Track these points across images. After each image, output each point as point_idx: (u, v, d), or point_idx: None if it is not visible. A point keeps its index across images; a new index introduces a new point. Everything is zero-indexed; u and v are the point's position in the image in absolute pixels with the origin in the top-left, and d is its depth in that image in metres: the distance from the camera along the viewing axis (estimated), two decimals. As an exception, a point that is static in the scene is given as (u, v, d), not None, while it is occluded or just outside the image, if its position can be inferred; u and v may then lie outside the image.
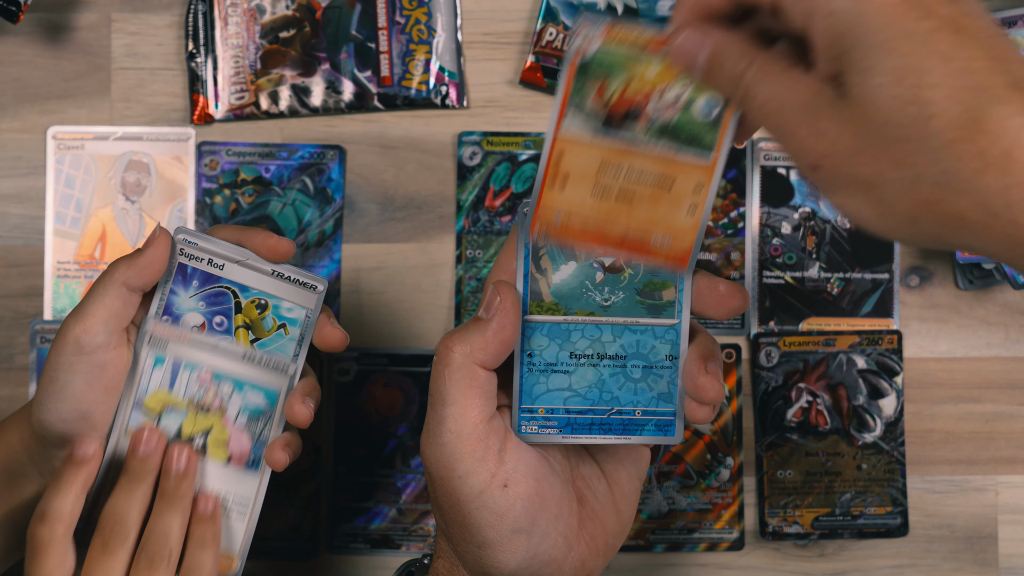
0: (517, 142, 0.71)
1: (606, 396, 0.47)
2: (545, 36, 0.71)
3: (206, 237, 0.53)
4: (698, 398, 0.47)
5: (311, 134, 0.71)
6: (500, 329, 0.45)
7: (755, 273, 0.71)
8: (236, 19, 0.71)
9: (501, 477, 0.45)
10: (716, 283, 0.47)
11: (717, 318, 0.47)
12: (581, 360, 0.47)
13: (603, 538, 0.50)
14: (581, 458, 0.50)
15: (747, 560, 0.70)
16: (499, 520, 0.45)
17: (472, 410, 0.45)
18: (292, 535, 0.70)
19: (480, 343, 0.45)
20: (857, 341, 0.70)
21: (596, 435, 0.48)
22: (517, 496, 0.46)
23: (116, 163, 0.71)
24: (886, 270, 0.71)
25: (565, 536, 0.47)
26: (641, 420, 0.48)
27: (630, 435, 0.48)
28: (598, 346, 0.47)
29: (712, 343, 0.48)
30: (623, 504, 0.50)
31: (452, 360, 0.45)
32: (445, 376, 0.45)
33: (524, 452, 0.47)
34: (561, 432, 0.47)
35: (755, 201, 0.71)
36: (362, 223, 0.71)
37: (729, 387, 0.70)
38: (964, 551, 0.70)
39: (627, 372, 0.47)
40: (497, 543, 0.46)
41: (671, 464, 0.70)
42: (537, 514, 0.46)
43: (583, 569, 0.49)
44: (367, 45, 0.71)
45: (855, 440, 0.70)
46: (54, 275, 0.71)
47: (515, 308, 0.46)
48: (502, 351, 0.46)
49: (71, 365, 0.51)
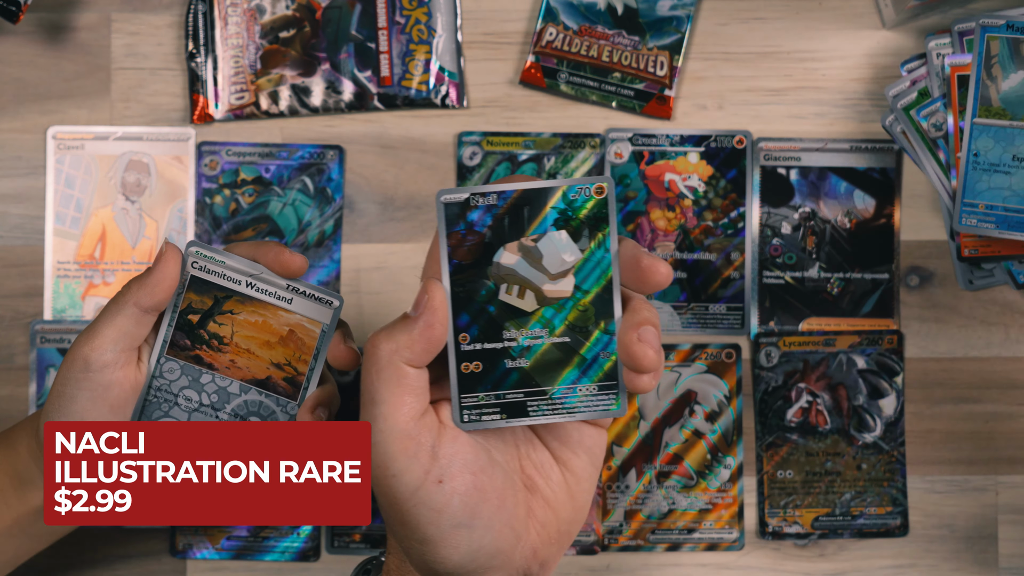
0: (517, 142, 0.71)
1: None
2: (545, 36, 0.71)
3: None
4: (634, 367, 0.46)
5: (311, 134, 0.71)
6: (427, 327, 0.45)
7: (755, 273, 0.71)
8: (236, 19, 0.71)
9: (435, 473, 0.45)
10: (639, 256, 0.46)
11: (640, 292, 0.47)
12: None
13: (555, 525, 0.49)
14: (532, 445, 0.50)
15: (747, 560, 0.70)
16: (437, 516, 0.45)
17: (401, 408, 0.45)
18: (293, 535, 0.70)
19: (406, 341, 0.45)
20: (857, 341, 0.70)
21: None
22: (454, 491, 0.45)
23: (116, 163, 0.71)
24: (886, 270, 0.71)
25: (511, 527, 0.47)
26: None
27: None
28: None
29: (647, 310, 0.46)
30: (577, 490, 0.50)
31: (379, 359, 0.45)
32: (373, 375, 0.45)
33: (460, 446, 0.46)
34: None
35: (755, 201, 0.71)
36: (362, 223, 0.71)
37: (729, 387, 0.70)
38: (964, 551, 0.70)
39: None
40: (438, 539, 0.46)
41: (671, 464, 0.70)
42: (477, 507, 0.46)
43: (535, 558, 0.48)
44: (367, 45, 0.71)
45: (855, 440, 0.70)
46: (54, 275, 0.71)
47: (443, 306, 0.45)
48: (430, 349, 0.45)
49: (78, 382, 0.52)
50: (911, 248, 0.71)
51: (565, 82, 0.71)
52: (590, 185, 0.46)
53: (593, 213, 0.46)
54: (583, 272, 0.46)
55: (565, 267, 0.46)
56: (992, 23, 0.64)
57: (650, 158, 0.71)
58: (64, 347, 0.70)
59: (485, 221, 0.46)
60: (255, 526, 0.69)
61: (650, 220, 0.71)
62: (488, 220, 0.46)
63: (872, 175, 0.71)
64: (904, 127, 0.68)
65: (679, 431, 0.70)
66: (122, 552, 0.70)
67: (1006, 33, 0.63)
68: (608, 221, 0.46)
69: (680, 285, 0.71)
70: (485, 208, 0.46)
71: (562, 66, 0.71)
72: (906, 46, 0.71)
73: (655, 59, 0.71)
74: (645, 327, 0.45)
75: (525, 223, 0.46)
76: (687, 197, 0.71)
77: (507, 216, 0.46)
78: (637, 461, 0.70)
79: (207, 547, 0.70)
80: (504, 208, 0.46)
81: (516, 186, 0.46)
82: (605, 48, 0.71)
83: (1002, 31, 0.62)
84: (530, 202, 0.46)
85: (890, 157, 0.71)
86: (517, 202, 0.46)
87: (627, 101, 0.71)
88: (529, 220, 0.46)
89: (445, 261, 0.46)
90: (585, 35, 0.71)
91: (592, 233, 0.46)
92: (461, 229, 0.46)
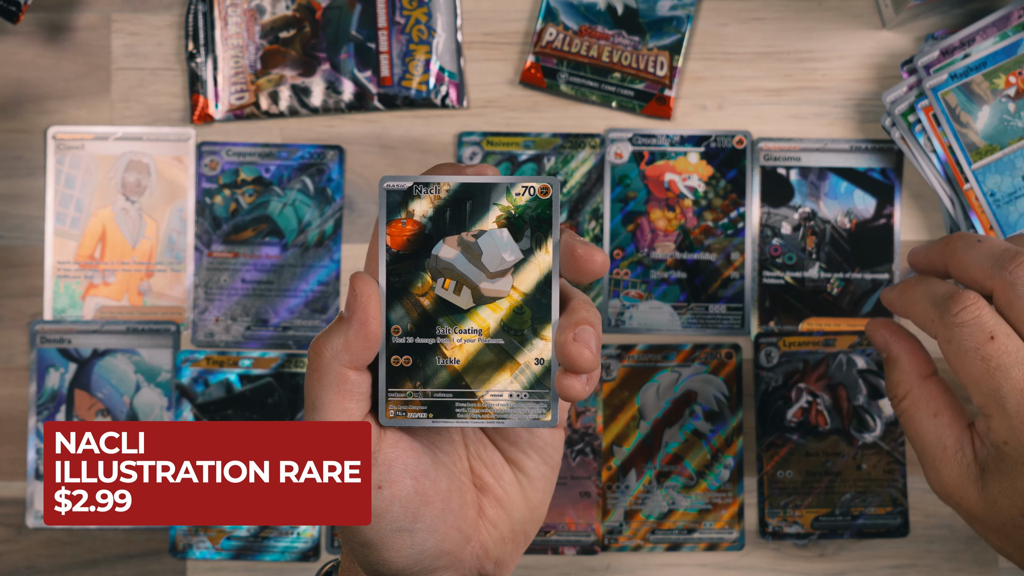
0: (517, 142, 0.71)
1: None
2: (545, 36, 0.71)
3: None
4: (569, 367, 0.44)
5: (311, 134, 0.71)
6: (361, 325, 0.44)
7: (755, 273, 0.71)
8: (236, 19, 0.71)
9: (374, 480, 0.45)
10: (574, 245, 0.45)
11: (579, 282, 0.46)
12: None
13: (508, 524, 0.48)
14: (483, 444, 0.49)
15: (747, 560, 0.70)
16: (376, 521, 0.45)
17: (342, 415, 0.44)
18: (293, 535, 0.70)
19: (343, 344, 0.44)
20: (857, 341, 0.70)
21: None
22: (393, 497, 0.45)
23: (116, 163, 0.71)
24: (886, 270, 0.71)
25: (458, 528, 0.46)
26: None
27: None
28: None
29: (586, 310, 0.45)
30: (531, 491, 0.49)
31: (320, 364, 0.44)
32: (315, 380, 0.44)
33: (400, 451, 0.45)
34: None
35: (755, 201, 0.71)
36: (362, 223, 0.71)
37: (729, 387, 0.70)
38: (964, 551, 0.70)
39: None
40: (378, 543, 0.45)
41: (671, 464, 0.70)
42: (418, 511, 0.45)
43: (487, 557, 0.48)
44: (367, 45, 0.71)
45: (855, 440, 0.70)
46: (54, 275, 0.71)
47: (374, 299, 0.44)
48: (368, 346, 0.44)
49: None
50: (911, 248, 0.71)
51: (565, 82, 0.71)
52: (535, 185, 0.45)
53: (537, 213, 0.45)
54: (521, 273, 0.45)
55: (504, 266, 0.45)
56: (936, 82, 0.66)
57: (650, 158, 0.71)
58: (64, 347, 0.70)
59: (426, 212, 0.45)
60: (255, 526, 0.69)
61: (650, 220, 0.71)
62: (430, 211, 0.45)
63: (872, 175, 0.71)
64: (903, 132, 0.68)
65: (679, 431, 0.70)
66: (122, 552, 0.70)
67: (953, 84, 0.66)
68: (551, 223, 0.45)
69: (680, 285, 0.71)
70: (427, 199, 0.45)
71: (562, 66, 0.71)
72: (906, 46, 0.71)
73: (655, 59, 0.71)
74: (583, 327, 0.44)
75: (467, 218, 0.45)
76: (687, 197, 0.71)
77: (449, 209, 0.45)
78: (637, 461, 0.70)
79: (207, 547, 0.70)
80: (446, 200, 0.45)
81: (460, 179, 0.45)
82: (605, 48, 0.71)
83: (949, 83, 0.65)
84: (473, 196, 0.45)
85: (890, 157, 0.71)
86: (460, 195, 0.45)
87: (627, 101, 0.71)
88: (471, 215, 0.45)
89: (383, 249, 0.45)
90: (585, 35, 0.71)
91: (534, 234, 0.45)
92: (401, 218, 0.45)
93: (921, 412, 0.55)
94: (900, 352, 0.57)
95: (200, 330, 0.71)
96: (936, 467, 0.54)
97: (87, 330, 0.70)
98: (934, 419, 0.55)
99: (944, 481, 0.54)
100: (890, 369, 0.58)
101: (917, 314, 0.56)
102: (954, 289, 0.54)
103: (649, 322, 0.71)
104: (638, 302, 0.71)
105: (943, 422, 0.55)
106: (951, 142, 0.66)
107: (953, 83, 0.66)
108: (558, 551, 0.70)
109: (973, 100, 0.66)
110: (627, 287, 0.71)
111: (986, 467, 0.52)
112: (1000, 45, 0.67)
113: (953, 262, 0.55)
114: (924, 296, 0.55)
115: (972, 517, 0.54)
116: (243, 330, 0.71)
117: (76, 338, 0.70)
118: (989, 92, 0.67)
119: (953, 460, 0.54)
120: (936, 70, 0.67)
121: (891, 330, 0.58)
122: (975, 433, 0.54)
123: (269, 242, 0.71)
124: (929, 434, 0.55)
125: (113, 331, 0.70)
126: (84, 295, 0.71)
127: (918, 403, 0.56)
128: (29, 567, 0.70)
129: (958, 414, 0.55)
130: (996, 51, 0.67)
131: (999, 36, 0.67)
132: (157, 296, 0.71)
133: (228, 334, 0.71)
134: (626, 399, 0.70)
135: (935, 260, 0.57)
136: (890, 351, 0.58)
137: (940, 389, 0.56)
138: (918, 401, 0.56)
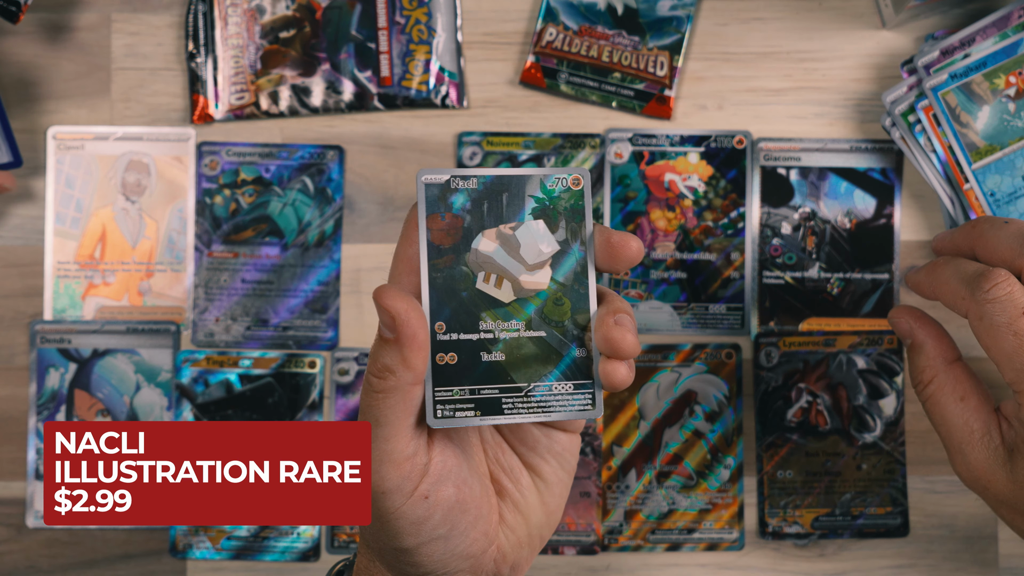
0: (517, 142, 0.71)
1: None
2: (545, 36, 0.71)
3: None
4: (612, 353, 0.44)
5: (311, 134, 0.71)
6: (411, 340, 0.42)
7: (755, 273, 0.71)
8: (236, 19, 0.71)
9: (423, 490, 0.45)
10: (609, 235, 0.46)
11: (616, 271, 0.46)
12: None
13: (525, 529, 0.49)
14: (501, 449, 0.49)
15: (747, 560, 0.70)
16: (417, 529, 0.45)
17: (405, 432, 0.44)
18: (293, 535, 0.70)
19: (400, 363, 0.42)
20: (857, 341, 0.70)
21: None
22: (437, 505, 0.45)
23: (116, 163, 0.71)
24: (886, 270, 0.71)
25: (485, 533, 0.47)
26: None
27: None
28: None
29: (620, 301, 0.46)
30: (548, 497, 0.49)
31: (386, 387, 0.43)
32: (379, 400, 0.43)
33: (447, 458, 0.45)
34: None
35: (755, 201, 0.71)
36: (362, 223, 0.71)
37: (729, 387, 0.70)
38: (964, 551, 0.70)
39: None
40: (414, 548, 0.45)
41: (671, 464, 0.70)
42: (456, 519, 0.45)
43: (504, 561, 0.48)
44: (367, 45, 0.71)
45: (855, 440, 0.70)
46: (54, 275, 0.71)
47: (414, 311, 0.42)
48: (424, 357, 0.43)
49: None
50: (911, 248, 0.71)
51: (565, 82, 0.71)
52: (567, 176, 0.46)
53: (570, 205, 0.46)
54: (559, 265, 0.46)
55: (542, 258, 0.46)
56: (937, 82, 0.66)
57: (650, 158, 0.71)
58: (64, 347, 0.70)
59: (465, 205, 0.45)
60: (255, 526, 0.69)
61: (650, 220, 0.71)
62: (468, 204, 0.45)
63: (872, 175, 0.71)
64: (903, 132, 0.68)
65: (679, 431, 0.70)
66: (122, 552, 0.70)
67: (953, 84, 0.66)
68: (584, 214, 0.46)
69: (680, 285, 0.71)
70: (465, 191, 0.45)
71: (562, 66, 0.71)
72: (906, 46, 0.71)
73: (655, 59, 0.71)
74: (621, 314, 0.45)
75: (504, 210, 0.46)
76: (687, 197, 0.71)
77: (486, 201, 0.45)
78: (637, 461, 0.70)
79: (207, 547, 0.70)
80: (483, 192, 0.45)
81: (496, 171, 0.45)
82: (605, 48, 0.71)
83: (949, 83, 0.65)
84: (508, 189, 0.46)
85: (890, 157, 0.71)
86: (496, 187, 0.46)
87: (627, 101, 0.71)
88: (507, 207, 0.46)
89: (424, 244, 0.45)
90: (585, 35, 0.71)
91: (568, 225, 0.46)
92: (440, 212, 0.45)
93: (947, 396, 0.56)
94: (926, 338, 0.58)
95: (200, 330, 0.71)
96: (963, 451, 0.55)
97: (87, 330, 0.70)
98: (961, 403, 0.55)
99: (971, 465, 0.54)
100: (915, 355, 0.58)
101: (947, 293, 0.56)
102: (984, 267, 0.54)
103: (649, 322, 0.71)
104: (638, 302, 0.71)
105: (970, 406, 0.55)
106: (951, 142, 0.66)
107: (953, 83, 0.66)
108: (558, 551, 0.70)
109: (973, 100, 0.66)
110: (627, 287, 0.71)
111: (1015, 449, 0.53)
112: (1000, 45, 0.67)
113: (980, 243, 0.56)
114: (954, 275, 0.55)
115: (999, 501, 0.54)
116: (243, 330, 0.71)
117: (76, 338, 0.70)
118: (989, 92, 0.67)
119: (980, 444, 0.54)
120: (936, 70, 0.67)
121: (915, 316, 0.59)
122: (1002, 417, 0.54)
123: (269, 242, 0.71)
124: (956, 418, 0.55)
125: (113, 331, 0.70)
126: (84, 295, 0.71)
127: (944, 387, 0.56)
128: (29, 567, 0.70)
129: (984, 398, 0.55)
130: (996, 51, 0.67)
131: (999, 36, 0.67)
132: (157, 296, 0.71)
133: (228, 334, 0.71)
134: (626, 399, 0.71)
135: (960, 243, 0.58)
136: (915, 337, 0.58)
137: (966, 374, 0.56)
138: (944, 385, 0.56)
